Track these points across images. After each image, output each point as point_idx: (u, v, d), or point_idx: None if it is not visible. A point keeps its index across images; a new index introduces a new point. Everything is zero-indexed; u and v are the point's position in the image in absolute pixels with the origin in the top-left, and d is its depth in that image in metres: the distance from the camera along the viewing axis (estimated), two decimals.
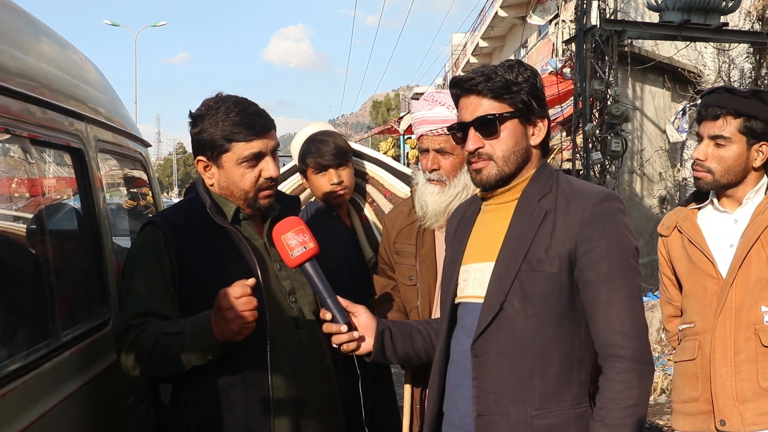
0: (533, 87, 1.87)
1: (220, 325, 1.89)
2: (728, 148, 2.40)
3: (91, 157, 2.42)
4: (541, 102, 1.89)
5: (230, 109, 2.09)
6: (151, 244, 2.07)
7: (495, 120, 1.85)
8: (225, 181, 2.14)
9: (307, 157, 2.91)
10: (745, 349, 2.33)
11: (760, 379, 2.30)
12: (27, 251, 2.16)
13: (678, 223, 2.55)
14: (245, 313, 1.88)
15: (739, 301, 2.35)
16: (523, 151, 1.89)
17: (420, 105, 2.44)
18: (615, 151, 10.03)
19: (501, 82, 1.84)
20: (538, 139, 1.90)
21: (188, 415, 2.02)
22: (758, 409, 2.30)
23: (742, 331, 2.34)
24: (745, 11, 10.25)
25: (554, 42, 13.98)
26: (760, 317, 2.32)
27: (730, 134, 2.39)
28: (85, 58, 2.85)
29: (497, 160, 1.88)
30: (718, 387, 2.35)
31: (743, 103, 2.37)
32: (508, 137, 1.87)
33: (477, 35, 28.09)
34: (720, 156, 2.41)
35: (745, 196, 2.44)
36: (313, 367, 2.17)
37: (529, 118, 1.88)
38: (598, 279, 1.77)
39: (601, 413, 1.74)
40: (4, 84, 1.82)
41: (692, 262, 2.47)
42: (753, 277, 2.34)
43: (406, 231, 2.55)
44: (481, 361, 1.82)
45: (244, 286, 1.89)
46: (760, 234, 2.35)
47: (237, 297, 1.87)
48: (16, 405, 1.74)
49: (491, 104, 1.86)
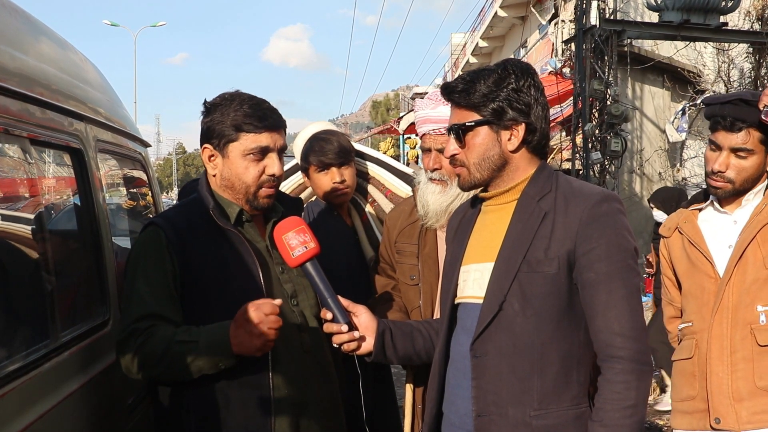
0: (513, 92, 1.84)
1: (241, 337, 1.90)
2: (750, 160, 2.40)
3: (90, 157, 2.42)
4: (521, 106, 1.85)
5: (244, 101, 2.10)
6: (153, 246, 2.07)
7: (460, 130, 1.88)
8: (228, 172, 2.12)
9: (311, 155, 2.90)
10: (741, 348, 2.34)
11: (756, 378, 2.31)
12: (26, 251, 2.16)
13: (678, 224, 2.57)
14: (271, 331, 1.90)
15: (736, 301, 2.36)
16: (495, 158, 1.88)
17: (424, 104, 2.44)
18: (614, 151, 10.05)
19: (471, 92, 1.85)
20: (513, 145, 1.87)
21: (189, 416, 2.02)
22: (753, 408, 2.30)
23: (738, 330, 2.35)
24: (745, 11, 10.27)
25: (554, 42, 13.98)
26: (756, 317, 2.33)
27: (753, 146, 2.39)
28: (85, 58, 2.85)
29: (469, 167, 1.89)
30: (714, 385, 2.37)
31: (753, 114, 2.36)
32: (479, 145, 1.87)
33: (476, 35, 28.08)
34: (742, 167, 2.41)
35: (744, 197, 2.46)
36: (314, 369, 2.16)
37: (501, 124, 1.86)
38: (597, 280, 1.77)
39: (599, 414, 1.74)
40: (3, 84, 1.82)
41: (691, 262, 2.49)
42: (749, 276, 2.35)
43: (407, 230, 2.55)
44: (480, 361, 1.82)
45: (273, 306, 1.91)
46: (756, 233, 2.36)
47: (267, 314, 1.89)
48: (15, 405, 1.74)
49: (462, 113, 1.88)
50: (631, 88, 12.11)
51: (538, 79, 1.91)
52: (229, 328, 1.92)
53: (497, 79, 1.85)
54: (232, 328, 1.92)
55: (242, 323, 1.90)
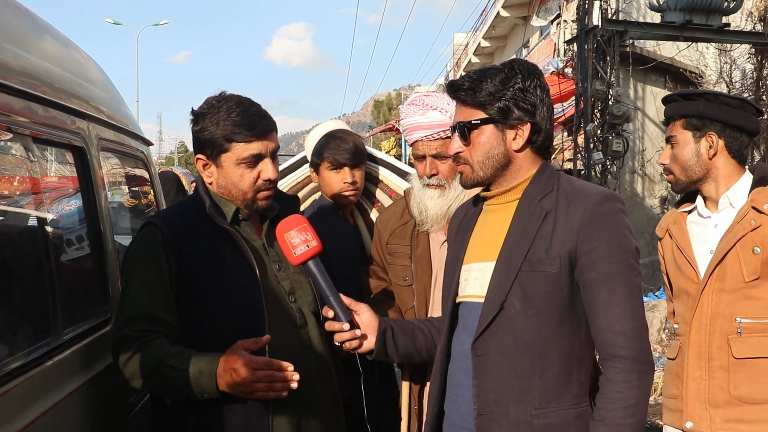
0: (520, 91, 1.85)
1: (227, 380, 1.90)
2: (678, 147, 2.50)
3: (92, 156, 2.42)
4: (527, 106, 1.86)
5: (232, 108, 2.09)
6: (149, 245, 2.07)
7: (465, 127, 1.88)
8: (223, 181, 2.13)
9: (325, 151, 2.88)
10: (718, 357, 2.36)
11: (731, 388, 2.33)
12: (28, 249, 2.16)
13: (669, 226, 2.59)
14: (259, 385, 1.91)
15: (714, 309, 2.37)
16: (500, 156, 1.89)
17: (410, 111, 2.40)
18: (616, 152, 10.04)
19: (478, 90, 1.85)
20: (517, 144, 1.88)
21: (188, 414, 2.02)
22: (727, 416, 2.33)
23: (716, 338, 2.36)
24: (747, 12, 10.26)
25: (556, 42, 13.99)
26: (734, 328, 2.34)
27: (676, 132, 2.50)
28: (87, 56, 2.85)
29: (473, 165, 1.90)
30: (691, 390, 2.40)
31: (674, 107, 2.51)
32: (484, 143, 1.88)
33: (479, 35, 28.09)
34: (673, 155, 2.52)
35: (720, 198, 2.45)
36: (313, 367, 2.16)
37: (507, 123, 1.87)
38: (599, 279, 1.77)
39: (601, 413, 1.75)
40: (6, 82, 1.82)
41: (677, 265, 2.51)
42: (728, 285, 2.35)
43: (399, 232, 2.53)
44: (481, 360, 1.82)
45: (270, 364, 1.91)
46: (736, 242, 2.34)
47: (259, 367, 1.90)
48: (17, 403, 1.74)
49: (468, 111, 1.89)
50: (633, 88, 12.10)
51: (544, 80, 1.92)
52: (216, 368, 1.91)
53: (504, 78, 1.86)
54: (219, 367, 1.91)
55: (230, 372, 1.89)
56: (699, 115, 2.43)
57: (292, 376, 1.93)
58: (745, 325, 2.32)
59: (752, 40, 10.04)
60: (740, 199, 2.42)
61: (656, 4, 9.70)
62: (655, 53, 12.20)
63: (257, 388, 1.91)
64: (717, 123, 2.42)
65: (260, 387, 1.91)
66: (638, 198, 12.08)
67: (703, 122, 2.43)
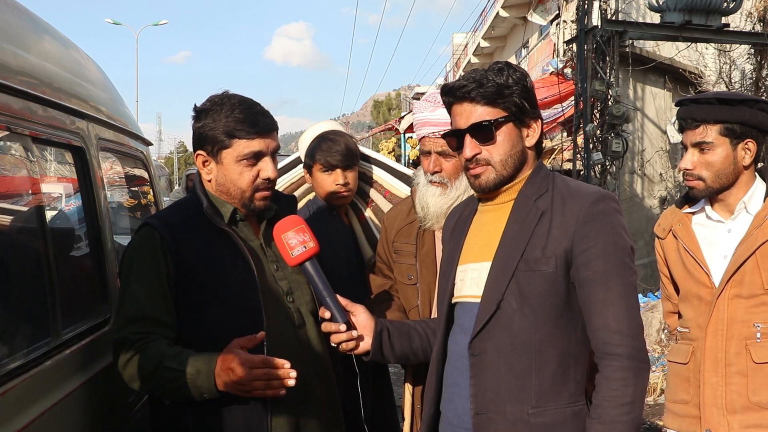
0: (524, 89, 1.88)
1: (226, 382, 1.91)
2: (713, 153, 2.39)
3: (92, 156, 2.42)
4: (533, 103, 1.91)
5: (235, 106, 2.09)
6: (147, 246, 2.07)
7: (490, 126, 1.87)
8: (222, 178, 2.13)
9: (317, 153, 2.89)
10: (736, 362, 2.34)
11: (750, 393, 2.32)
12: (28, 249, 2.16)
13: (672, 226, 2.55)
14: (257, 383, 1.91)
15: (732, 315, 2.35)
16: (519, 154, 1.91)
17: (422, 106, 2.43)
18: (616, 152, 10.04)
19: (493, 87, 1.85)
20: (533, 140, 1.92)
21: (186, 415, 2.03)
22: (746, 422, 2.32)
23: (733, 344, 2.35)
24: (747, 12, 10.26)
25: (555, 42, 13.98)
26: (753, 333, 2.33)
27: (713, 139, 2.39)
28: (87, 56, 2.86)
29: (495, 165, 1.89)
30: (708, 396, 2.37)
31: (710, 111, 2.38)
32: (505, 141, 1.88)
33: (478, 35, 28.11)
34: (707, 161, 2.41)
35: (737, 204, 2.42)
36: (311, 367, 2.17)
37: (523, 120, 1.90)
38: (594, 278, 1.78)
39: (597, 411, 1.75)
40: (5, 82, 1.83)
41: (687, 269, 2.48)
42: (746, 291, 2.34)
43: (405, 230, 2.55)
44: (478, 360, 1.83)
45: (267, 361, 1.91)
46: (755, 249, 2.33)
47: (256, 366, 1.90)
48: (16, 403, 1.75)
49: (485, 110, 1.87)
50: (633, 88, 12.11)
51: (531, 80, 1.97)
52: (214, 368, 1.91)
53: (508, 76, 1.87)
54: (217, 366, 1.91)
55: (227, 370, 1.90)
56: (742, 122, 2.36)
57: (290, 373, 1.93)
58: (764, 330, 2.31)
59: (751, 40, 10.04)
60: (755, 205, 2.40)
61: (656, 5, 9.71)
62: (654, 54, 12.20)
63: (255, 387, 1.91)
64: (755, 130, 2.38)
65: (258, 385, 1.91)
66: (638, 198, 12.08)
67: (744, 129, 2.36)
